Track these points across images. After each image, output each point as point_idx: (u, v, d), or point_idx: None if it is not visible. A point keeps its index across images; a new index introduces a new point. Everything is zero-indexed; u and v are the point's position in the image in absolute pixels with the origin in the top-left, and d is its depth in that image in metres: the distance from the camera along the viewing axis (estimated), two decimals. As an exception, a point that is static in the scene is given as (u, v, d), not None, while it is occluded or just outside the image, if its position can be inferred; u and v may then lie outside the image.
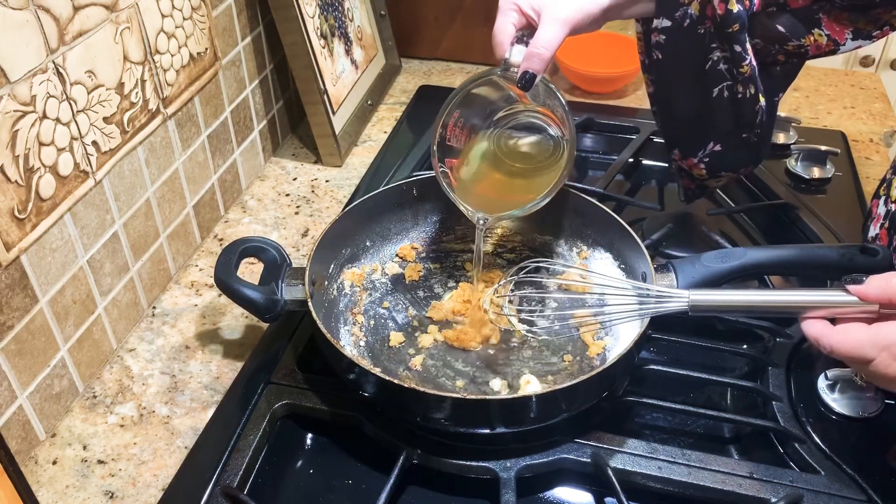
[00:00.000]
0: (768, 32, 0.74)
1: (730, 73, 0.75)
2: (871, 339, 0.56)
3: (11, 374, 0.67)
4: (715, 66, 0.75)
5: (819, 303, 0.60)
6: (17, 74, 0.62)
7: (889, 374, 0.55)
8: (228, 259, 0.76)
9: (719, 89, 0.76)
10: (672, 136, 0.84)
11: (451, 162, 0.74)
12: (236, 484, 0.66)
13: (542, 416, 0.66)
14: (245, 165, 1.04)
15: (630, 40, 1.27)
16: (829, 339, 0.58)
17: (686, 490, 0.66)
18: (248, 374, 0.77)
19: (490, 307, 0.77)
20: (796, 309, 0.61)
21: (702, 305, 0.64)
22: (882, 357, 0.55)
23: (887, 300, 0.57)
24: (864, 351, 0.56)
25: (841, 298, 0.59)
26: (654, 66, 0.79)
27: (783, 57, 0.76)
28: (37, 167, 0.66)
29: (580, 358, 0.76)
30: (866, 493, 0.64)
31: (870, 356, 0.56)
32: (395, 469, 0.66)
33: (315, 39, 1.04)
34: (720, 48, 0.74)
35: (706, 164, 0.82)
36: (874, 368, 0.56)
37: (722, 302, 0.65)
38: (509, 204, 0.76)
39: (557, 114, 0.72)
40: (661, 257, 0.89)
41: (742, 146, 0.80)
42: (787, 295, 0.63)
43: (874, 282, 0.58)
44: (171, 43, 0.82)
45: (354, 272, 0.84)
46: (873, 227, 0.78)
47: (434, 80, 1.30)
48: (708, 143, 0.81)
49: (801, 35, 0.73)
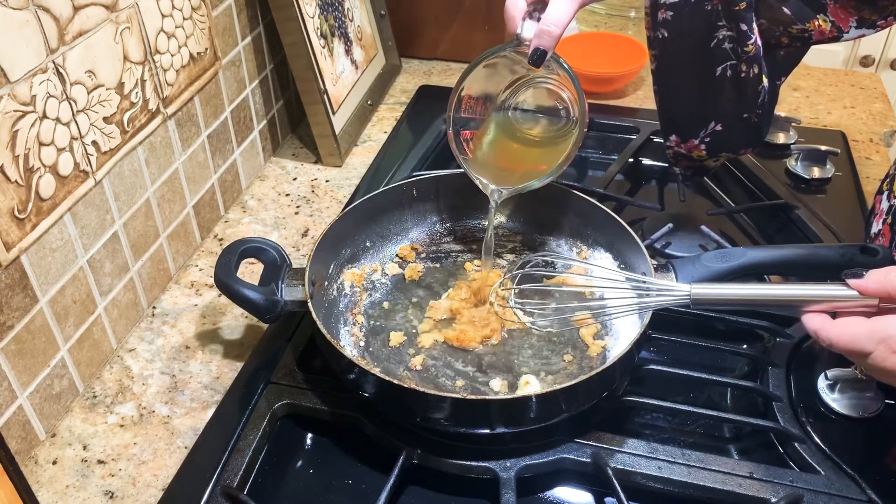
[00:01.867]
0: (774, 14, 0.74)
1: (734, 53, 0.75)
2: (868, 332, 0.56)
3: (11, 374, 0.67)
4: (720, 45, 0.75)
5: (819, 297, 0.60)
6: (17, 74, 0.62)
7: (886, 367, 0.56)
8: (228, 259, 0.76)
9: (723, 68, 0.77)
10: (672, 117, 0.84)
11: (466, 134, 0.76)
12: (236, 484, 0.66)
13: (542, 416, 0.66)
14: (245, 165, 1.04)
15: (630, 40, 1.27)
16: (828, 333, 0.59)
17: (686, 490, 0.66)
18: (248, 374, 0.77)
19: (496, 300, 0.78)
20: (797, 302, 0.62)
21: (703, 298, 0.65)
22: (879, 350, 0.56)
23: (886, 294, 0.58)
24: (862, 344, 0.57)
25: (840, 292, 0.59)
26: (659, 42, 0.79)
27: (787, 40, 0.76)
28: (37, 167, 0.66)
29: (580, 358, 0.76)
30: (866, 494, 0.64)
31: (867, 349, 0.56)
32: (395, 469, 0.66)
33: (315, 39, 1.04)
34: (726, 26, 0.74)
35: (707, 144, 0.82)
36: (872, 362, 0.56)
37: (723, 295, 0.65)
38: (524, 176, 0.78)
39: (568, 85, 0.73)
40: (661, 257, 0.89)
41: (743, 126, 0.80)
42: (788, 289, 0.64)
43: (873, 276, 0.58)
44: (171, 43, 0.82)
45: (354, 272, 0.84)
46: (876, 223, 0.78)
47: (434, 80, 1.30)
48: (709, 123, 0.81)
49: (806, 19, 0.74)
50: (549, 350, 0.77)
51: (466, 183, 0.89)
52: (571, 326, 0.78)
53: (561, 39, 0.70)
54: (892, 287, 0.57)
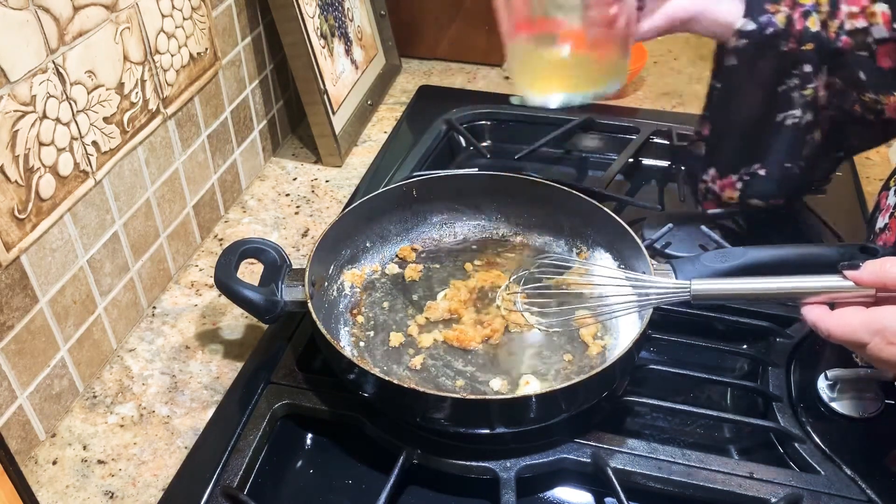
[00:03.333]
0: (849, 74, 0.73)
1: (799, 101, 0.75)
2: (864, 323, 0.57)
3: (11, 374, 0.67)
4: (789, 92, 0.75)
5: (817, 288, 0.61)
6: (17, 74, 0.62)
7: (882, 357, 0.56)
8: (228, 260, 0.76)
9: (784, 116, 0.76)
10: (718, 146, 0.83)
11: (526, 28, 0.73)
12: (236, 484, 0.66)
13: (542, 416, 0.66)
14: (245, 165, 1.04)
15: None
16: (826, 324, 0.59)
17: (686, 490, 0.66)
18: (248, 374, 0.77)
19: (502, 303, 0.78)
20: (796, 295, 0.62)
21: (703, 294, 0.65)
22: (875, 341, 0.56)
23: (882, 285, 0.58)
24: (858, 335, 0.57)
25: (838, 284, 0.60)
26: (726, 71, 0.78)
27: (859, 108, 0.75)
28: (37, 167, 0.66)
29: (580, 358, 0.76)
30: (866, 494, 0.64)
31: (864, 340, 0.57)
32: (395, 469, 0.66)
33: (315, 39, 1.04)
34: (798, 75, 0.74)
35: (743, 183, 0.81)
36: (869, 352, 0.57)
37: (723, 290, 0.66)
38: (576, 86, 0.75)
39: None
40: (661, 257, 0.89)
41: (783, 175, 0.80)
42: (787, 281, 0.64)
43: (869, 267, 0.59)
44: (171, 43, 0.82)
45: (354, 273, 0.84)
46: (882, 218, 0.78)
47: (434, 80, 1.30)
48: (753, 164, 0.80)
49: (881, 89, 0.72)
50: (549, 350, 0.77)
51: (466, 183, 0.89)
52: (576, 327, 0.78)
53: None
54: (887, 278, 0.58)
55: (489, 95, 1.23)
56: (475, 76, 1.30)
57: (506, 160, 1.08)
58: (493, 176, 0.89)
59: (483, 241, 0.90)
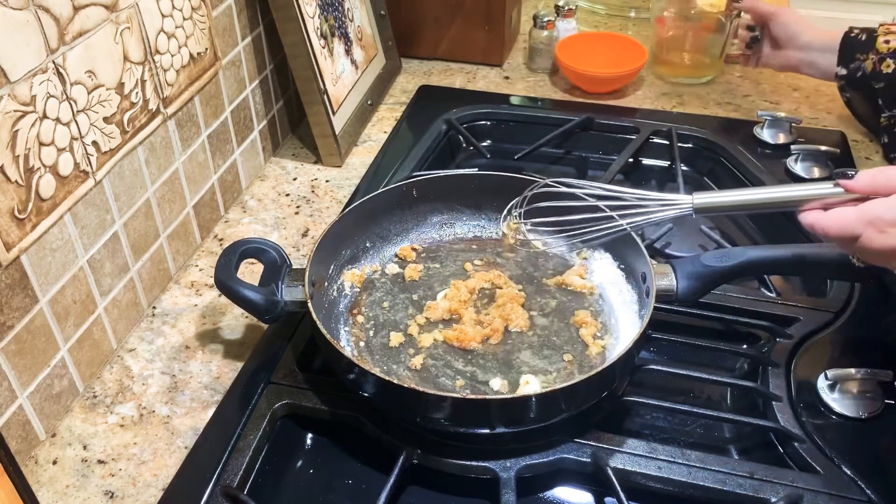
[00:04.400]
0: None
1: None
2: (857, 215, 0.60)
3: (11, 374, 0.67)
4: None
5: (813, 196, 0.64)
6: (17, 74, 0.62)
7: (874, 247, 0.59)
8: (228, 260, 0.76)
9: None
10: None
11: None
12: (236, 484, 0.66)
13: (542, 416, 0.66)
14: (245, 165, 1.04)
15: (630, 40, 1.27)
16: (821, 223, 0.62)
17: (686, 490, 0.66)
18: (248, 374, 0.77)
19: (508, 231, 0.81)
20: (793, 202, 0.65)
21: (705, 206, 0.67)
22: (868, 232, 0.59)
23: (873, 193, 0.61)
24: (852, 227, 0.60)
25: (832, 190, 0.63)
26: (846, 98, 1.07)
27: None
28: (37, 167, 0.66)
29: (580, 357, 0.76)
30: (866, 494, 0.64)
31: (857, 232, 0.59)
32: (395, 469, 0.66)
33: (315, 39, 1.04)
34: None
35: None
36: (862, 245, 0.59)
37: (724, 202, 0.68)
38: None
39: None
40: (661, 257, 0.90)
41: None
42: (785, 190, 0.66)
43: (862, 176, 0.61)
44: (171, 43, 0.82)
45: (354, 273, 0.84)
46: None
47: (434, 80, 1.30)
48: None
49: None
50: (549, 350, 0.77)
51: (466, 183, 0.89)
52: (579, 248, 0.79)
53: (560, 40, 0.70)
54: (879, 186, 0.60)
55: (489, 95, 1.23)
56: (475, 76, 1.30)
57: (506, 160, 1.08)
58: (493, 176, 0.89)
59: (483, 241, 0.90)
